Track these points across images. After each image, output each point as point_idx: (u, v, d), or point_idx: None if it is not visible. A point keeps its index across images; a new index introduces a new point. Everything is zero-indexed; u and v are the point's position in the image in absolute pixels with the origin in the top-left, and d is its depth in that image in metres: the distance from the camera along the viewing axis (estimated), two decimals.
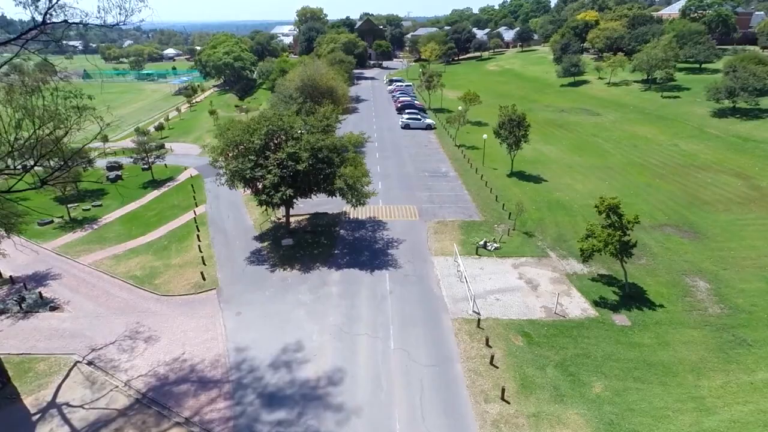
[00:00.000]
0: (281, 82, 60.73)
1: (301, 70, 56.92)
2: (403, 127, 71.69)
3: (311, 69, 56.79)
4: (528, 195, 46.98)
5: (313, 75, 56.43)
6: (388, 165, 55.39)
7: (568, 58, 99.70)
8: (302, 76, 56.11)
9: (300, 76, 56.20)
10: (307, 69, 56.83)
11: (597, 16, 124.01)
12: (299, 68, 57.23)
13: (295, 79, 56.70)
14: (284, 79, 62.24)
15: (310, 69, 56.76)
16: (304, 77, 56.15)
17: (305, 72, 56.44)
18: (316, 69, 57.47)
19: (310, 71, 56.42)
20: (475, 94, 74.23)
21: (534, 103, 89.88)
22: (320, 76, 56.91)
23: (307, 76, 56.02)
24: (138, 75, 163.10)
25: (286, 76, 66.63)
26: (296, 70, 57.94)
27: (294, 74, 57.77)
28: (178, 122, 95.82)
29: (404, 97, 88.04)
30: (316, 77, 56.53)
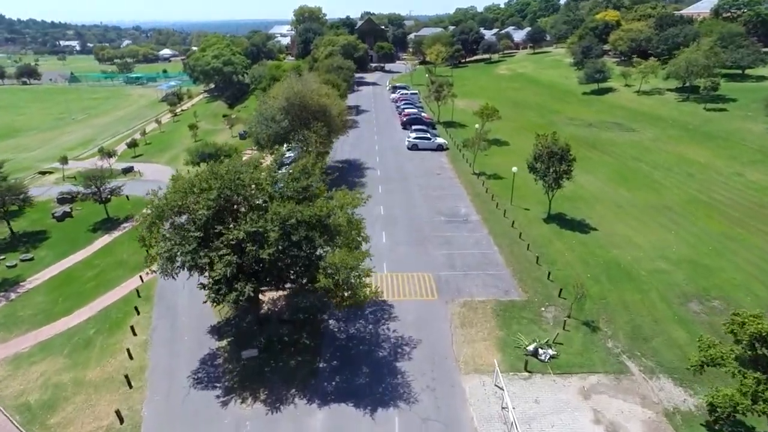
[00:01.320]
0: (263, 99, 48.95)
1: (286, 86, 45.09)
2: (410, 148, 60.00)
3: (298, 85, 44.98)
4: (576, 253, 35.36)
5: (301, 92, 44.69)
6: (393, 203, 43.75)
7: (592, 62, 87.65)
8: (287, 93, 44.36)
9: (285, 93, 44.44)
10: (294, 84, 45.01)
11: (618, 15, 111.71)
12: (285, 82, 45.37)
13: (279, 97, 44.97)
14: (268, 95, 50.39)
15: (297, 85, 44.93)
16: (289, 95, 44.41)
17: (291, 88, 44.63)
18: (305, 84, 45.66)
19: (297, 87, 44.64)
20: (493, 109, 62.42)
21: (555, 115, 77.99)
22: (310, 93, 45.16)
23: (293, 94, 44.28)
24: (126, 78, 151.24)
25: (270, 90, 54.86)
26: (281, 86, 46.13)
27: (278, 90, 46.00)
28: (158, 136, 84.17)
29: (410, 108, 76.23)
30: (305, 95, 44.80)
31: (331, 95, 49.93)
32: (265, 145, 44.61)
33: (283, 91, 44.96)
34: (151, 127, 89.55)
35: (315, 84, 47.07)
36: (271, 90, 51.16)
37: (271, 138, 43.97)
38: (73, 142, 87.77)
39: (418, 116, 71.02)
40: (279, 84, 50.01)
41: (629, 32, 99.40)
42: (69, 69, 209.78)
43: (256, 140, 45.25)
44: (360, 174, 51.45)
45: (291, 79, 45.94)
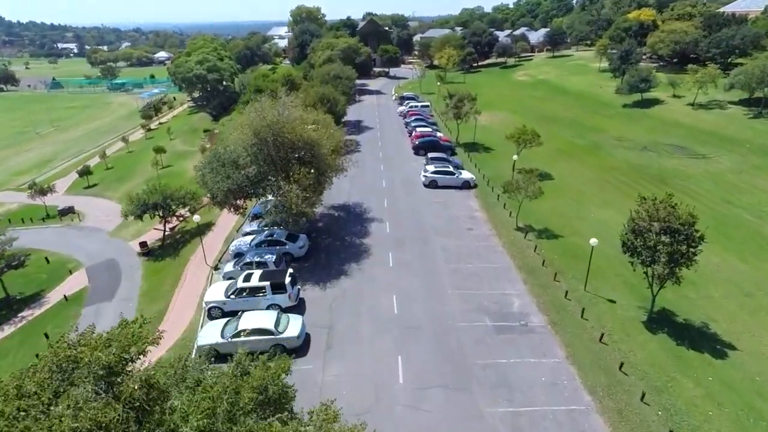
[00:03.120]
0: (224, 132, 33.83)
1: (254, 115, 29.82)
2: (428, 185, 44.87)
3: (273, 113, 29.67)
4: (723, 405, 20.37)
5: (277, 123, 29.54)
6: (409, 291, 28.67)
7: (635, 69, 72.20)
8: (256, 125, 29.20)
9: (253, 124, 29.28)
10: (267, 113, 29.72)
11: (653, 15, 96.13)
12: (254, 108, 29.89)
13: (245, 129, 29.82)
14: (232, 125, 35.15)
15: (271, 113, 29.62)
16: (259, 127, 29.24)
17: (262, 119, 29.37)
18: (283, 113, 30.39)
19: (270, 117, 29.42)
20: (533, 133, 47.30)
21: (597, 133, 62.77)
22: (290, 124, 29.99)
23: (265, 126, 29.15)
24: (110, 85, 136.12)
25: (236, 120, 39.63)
26: (245, 116, 30.62)
27: (245, 119, 30.72)
28: (122, 158, 69.26)
29: (423, 127, 61.04)
30: (284, 127, 29.65)
31: (323, 123, 34.83)
32: (223, 201, 29.58)
33: (250, 122, 29.80)
34: (118, 147, 74.56)
35: (297, 110, 31.80)
36: (238, 119, 35.82)
37: (232, 191, 28.94)
38: (26, 163, 73.00)
39: (434, 138, 55.79)
40: (242, 115, 34.46)
41: (672, 34, 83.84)
42: (60, 73, 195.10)
43: (210, 194, 30.20)
44: (361, 231, 36.39)
45: (262, 104, 30.66)
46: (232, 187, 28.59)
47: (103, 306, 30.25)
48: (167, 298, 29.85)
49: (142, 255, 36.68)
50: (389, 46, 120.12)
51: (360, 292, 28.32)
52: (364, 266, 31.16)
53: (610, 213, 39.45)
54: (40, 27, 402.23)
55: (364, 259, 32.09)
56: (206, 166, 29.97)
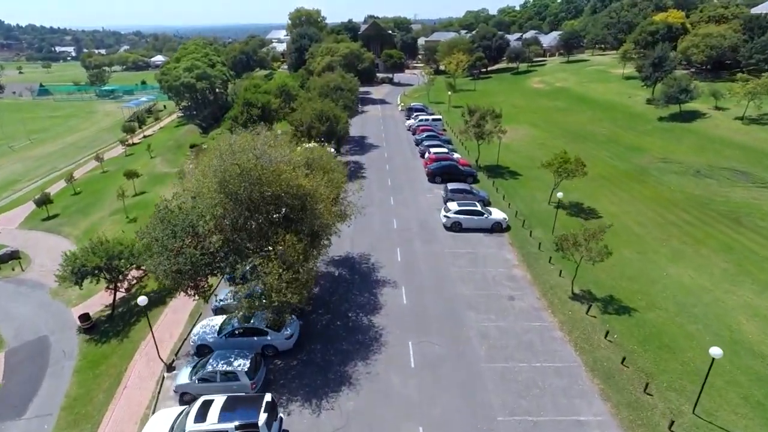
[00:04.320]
0: (180, 182, 24.52)
1: (220, 162, 20.48)
2: (450, 228, 35.57)
3: (246, 157, 20.21)
4: None
5: (255, 170, 20.17)
6: (442, 417, 19.47)
7: (672, 78, 62.85)
8: (223, 174, 19.85)
9: (218, 172, 19.95)
10: (239, 157, 20.28)
11: (683, 17, 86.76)
12: (221, 148, 20.64)
13: (209, 178, 20.49)
14: (198, 164, 25.42)
15: (243, 157, 20.17)
16: (228, 178, 19.90)
17: (233, 165, 19.93)
18: (263, 155, 20.98)
19: (244, 163, 20.05)
20: (578, 162, 37.98)
21: (637, 153, 53.52)
22: (273, 171, 20.64)
23: (235, 176, 19.85)
24: (98, 91, 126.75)
25: (200, 158, 30.13)
26: (209, 157, 21.29)
27: (208, 162, 21.26)
28: (95, 180, 60.00)
29: (437, 147, 51.76)
30: (264, 174, 20.32)
31: (320, 162, 25.54)
32: (174, 285, 20.30)
33: (216, 169, 20.50)
34: (94, 165, 65.28)
35: (281, 150, 22.44)
36: (202, 158, 26.18)
37: (185, 273, 19.65)
38: None
39: (452, 162, 46.50)
40: (207, 153, 24.71)
41: (707, 38, 74.46)
42: (53, 78, 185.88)
43: (155, 276, 20.86)
44: (370, 302, 27.15)
45: (232, 144, 21.28)
46: (184, 268, 19.31)
47: (6, 429, 21.04)
48: (96, 417, 20.66)
49: (84, 331, 27.47)
50: (393, 51, 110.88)
51: (370, 422, 19.11)
52: (375, 367, 21.95)
53: (687, 270, 30.25)
54: (39, 30, 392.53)
55: (374, 353, 22.84)
56: (151, 233, 20.61)
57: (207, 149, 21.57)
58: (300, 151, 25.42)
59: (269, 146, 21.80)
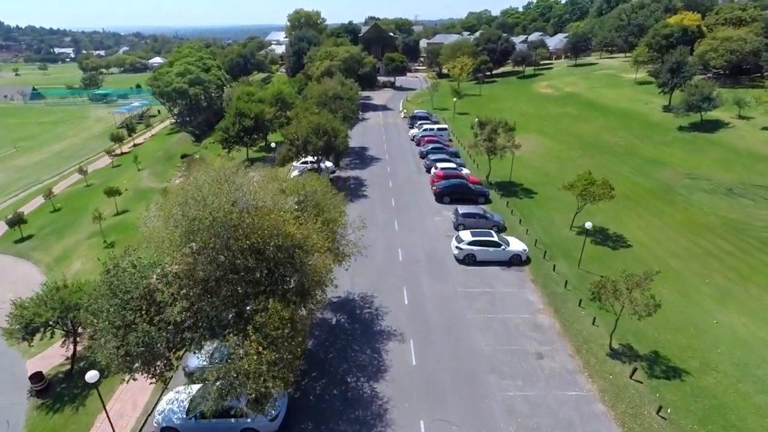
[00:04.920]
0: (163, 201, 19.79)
1: (182, 211, 16.13)
2: (462, 260, 31.16)
3: (220, 201, 15.83)
4: None
5: (232, 217, 15.77)
6: None
7: (693, 85, 58.39)
8: (189, 223, 15.53)
9: (184, 221, 15.61)
10: (213, 198, 15.89)
11: (698, 19, 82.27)
12: (184, 192, 16.49)
13: (171, 229, 16.15)
14: (161, 209, 20.43)
15: (216, 201, 15.78)
16: (196, 229, 15.53)
17: (206, 211, 15.55)
18: (242, 199, 16.54)
19: (218, 209, 15.69)
20: (605, 184, 33.57)
21: (660, 168, 49.12)
22: (255, 218, 16.23)
23: (205, 226, 15.49)
24: (92, 95, 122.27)
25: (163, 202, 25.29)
26: (173, 201, 17.10)
27: (173, 206, 16.98)
28: (77, 194, 55.62)
29: (444, 162, 47.36)
30: (244, 223, 15.93)
31: (315, 200, 21.14)
32: (121, 370, 15.85)
33: (180, 218, 16.06)
34: (75, 179, 60.87)
35: (270, 188, 18.02)
36: (163, 201, 21.27)
37: (137, 356, 15.24)
38: None
39: (462, 181, 42.06)
40: (169, 197, 19.64)
41: (726, 42, 70.03)
42: (50, 80, 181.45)
43: (102, 361, 16.43)
44: (372, 362, 22.82)
45: (200, 185, 16.82)
46: (135, 351, 14.91)
47: None
48: None
49: (36, 394, 23.11)
50: (395, 54, 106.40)
51: None
52: None
53: (739, 317, 25.92)
54: (38, 31, 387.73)
55: None
56: (93, 305, 16.20)
57: (170, 191, 16.88)
58: (289, 186, 20.92)
59: (249, 187, 17.31)
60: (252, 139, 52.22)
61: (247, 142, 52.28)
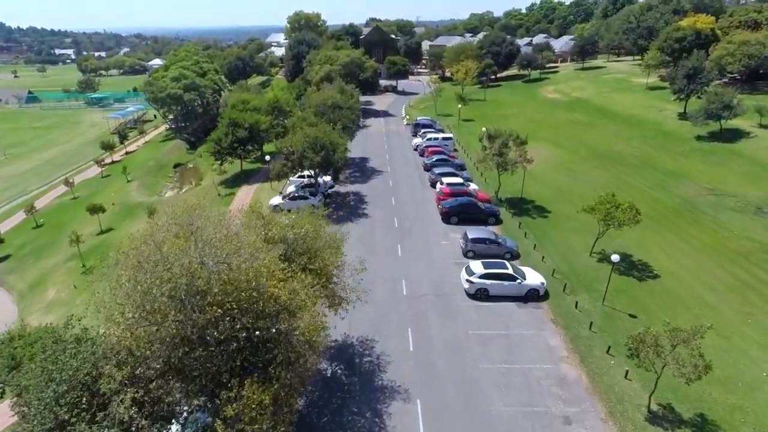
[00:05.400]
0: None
1: (127, 284, 12.82)
2: (473, 295, 27.77)
3: (181, 262, 12.60)
4: None
5: (195, 289, 12.47)
6: None
7: (714, 93, 54.85)
8: (146, 291, 12.31)
9: (133, 289, 12.42)
10: (182, 255, 12.58)
11: (713, 22, 78.67)
12: (142, 251, 13.26)
13: (121, 296, 12.82)
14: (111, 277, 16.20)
15: (177, 262, 12.50)
16: (153, 296, 12.28)
17: (154, 278, 12.31)
18: (218, 262, 13.23)
19: (186, 264, 12.35)
20: (631, 208, 30.15)
21: (680, 182, 45.60)
22: (225, 283, 12.91)
23: (166, 293, 12.21)
24: (88, 99, 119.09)
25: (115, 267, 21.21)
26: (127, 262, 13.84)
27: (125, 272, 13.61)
28: (62, 208, 52.37)
29: (450, 176, 43.88)
30: (207, 287, 12.62)
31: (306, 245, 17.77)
32: None
33: (126, 291, 12.66)
34: (63, 190, 57.59)
35: (248, 240, 14.67)
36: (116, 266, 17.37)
37: None
38: None
39: (471, 200, 38.63)
40: (134, 249, 15.96)
41: (743, 46, 66.46)
42: (48, 82, 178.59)
43: None
44: (373, 429, 19.45)
45: (163, 243, 13.46)
46: None
47: None
48: None
49: None
50: (397, 57, 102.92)
51: None
52: None
53: None
54: (39, 33, 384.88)
55: None
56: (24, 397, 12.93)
57: (124, 252, 13.28)
58: (276, 230, 17.50)
59: (224, 240, 13.95)
60: (246, 150, 48.89)
61: (241, 154, 48.93)
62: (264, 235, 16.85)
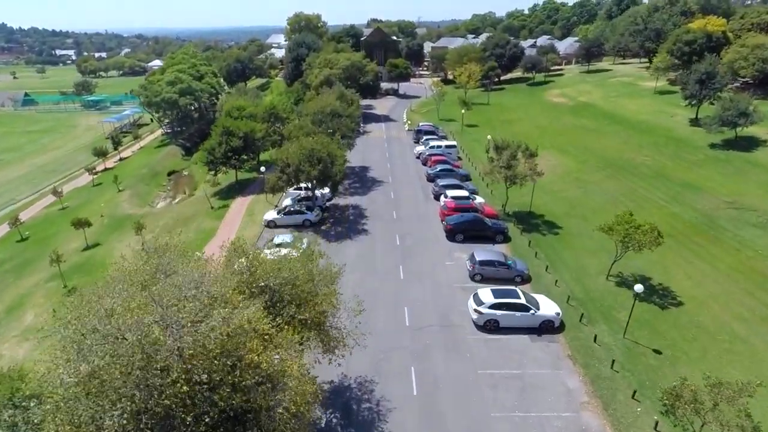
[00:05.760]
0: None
1: (70, 360, 10.35)
2: (482, 326, 25.33)
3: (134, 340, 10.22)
4: None
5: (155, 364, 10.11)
6: None
7: (729, 100, 52.26)
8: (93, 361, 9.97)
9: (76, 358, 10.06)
10: (121, 321, 10.31)
11: (724, 24, 76.04)
12: (83, 312, 10.96)
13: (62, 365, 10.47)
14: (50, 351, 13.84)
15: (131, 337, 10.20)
16: (102, 369, 9.97)
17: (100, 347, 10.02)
18: (175, 327, 10.94)
19: (134, 339, 10.02)
20: (652, 229, 27.67)
21: (697, 194, 42.99)
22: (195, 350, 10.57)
23: (118, 370, 9.85)
24: (85, 102, 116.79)
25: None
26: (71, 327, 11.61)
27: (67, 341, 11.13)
28: (49, 219, 50.02)
29: (455, 188, 41.47)
30: (168, 361, 10.26)
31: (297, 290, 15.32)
32: None
33: (67, 361, 10.24)
34: (51, 200, 55.21)
35: (227, 296, 12.25)
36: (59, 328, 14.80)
37: None
38: None
39: (477, 214, 36.18)
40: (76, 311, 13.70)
41: (757, 49, 63.89)
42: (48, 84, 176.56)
43: None
44: None
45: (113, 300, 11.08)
46: None
47: None
48: None
49: None
50: (398, 60, 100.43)
51: None
52: None
53: None
54: (41, 33, 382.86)
55: None
56: None
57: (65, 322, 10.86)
58: (261, 271, 15.09)
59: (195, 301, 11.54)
60: (240, 160, 46.48)
61: (235, 164, 46.53)
62: (247, 280, 14.44)
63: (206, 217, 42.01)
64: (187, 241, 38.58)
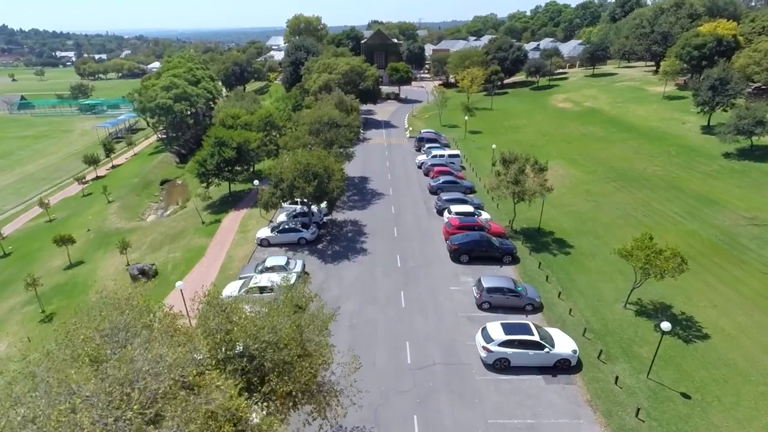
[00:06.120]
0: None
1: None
2: (491, 366, 22.94)
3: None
4: None
5: None
6: None
7: (745, 108, 49.88)
8: None
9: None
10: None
11: (735, 28, 73.54)
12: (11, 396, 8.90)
13: None
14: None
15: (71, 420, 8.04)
16: None
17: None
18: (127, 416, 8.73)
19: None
20: (676, 256, 25.22)
21: (714, 208, 40.55)
22: None
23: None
24: (81, 105, 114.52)
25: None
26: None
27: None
28: (35, 233, 47.70)
29: (459, 203, 39.12)
30: None
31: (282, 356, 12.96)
32: None
33: None
34: (36, 212, 52.87)
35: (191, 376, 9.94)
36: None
37: None
38: None
39: (483, 233, 33.76)
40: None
41: None
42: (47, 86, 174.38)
43: None
44: None
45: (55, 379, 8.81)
46: None
47: None
48: None
49: None
50: (399, 64, 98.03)
51: None
52: None
53: None
54: (41, 35, 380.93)
55: None
56: None
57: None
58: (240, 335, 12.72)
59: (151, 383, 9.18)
60: (234, 172, 44.15)
61: (229, 176, 44.19)
62: (223, 338, 12.08)
63: (196, 233, 39.67)
64: (174, 262, 36.30)
